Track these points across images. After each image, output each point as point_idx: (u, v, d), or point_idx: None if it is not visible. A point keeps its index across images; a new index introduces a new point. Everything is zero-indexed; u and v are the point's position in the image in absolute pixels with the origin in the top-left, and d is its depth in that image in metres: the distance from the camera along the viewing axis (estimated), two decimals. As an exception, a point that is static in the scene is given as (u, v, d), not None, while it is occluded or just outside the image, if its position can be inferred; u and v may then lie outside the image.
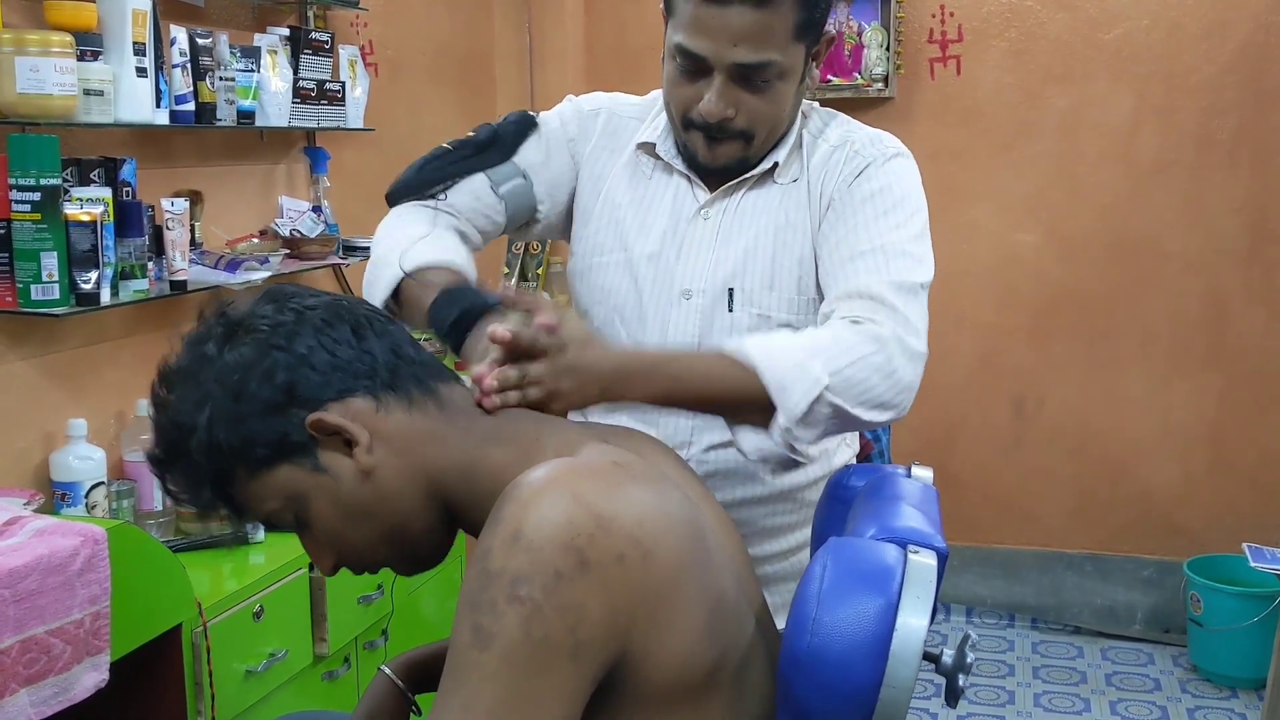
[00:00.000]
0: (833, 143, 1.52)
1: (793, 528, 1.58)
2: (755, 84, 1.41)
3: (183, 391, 1.07)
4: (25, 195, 1.93)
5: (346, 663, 2.33)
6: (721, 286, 1.50)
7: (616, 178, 1.58)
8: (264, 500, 1.09)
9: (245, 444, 1.06)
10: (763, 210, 1.51)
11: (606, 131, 1.60)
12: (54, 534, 1.61)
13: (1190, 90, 3.47)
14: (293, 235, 2.67)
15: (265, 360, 1.06)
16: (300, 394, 1.06)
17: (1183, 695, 3.31)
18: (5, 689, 1.50)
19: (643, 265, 1.53)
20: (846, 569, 1.02)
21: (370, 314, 1.13)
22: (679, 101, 1.46)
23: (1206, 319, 3.56)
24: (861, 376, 1.29)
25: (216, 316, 1.10)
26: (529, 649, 0.91)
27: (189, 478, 1.09)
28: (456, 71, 3.58)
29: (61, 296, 1.98)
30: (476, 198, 1.55)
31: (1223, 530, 3.54)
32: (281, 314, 1.08)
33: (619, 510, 0.96)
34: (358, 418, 1.07)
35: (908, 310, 1.36)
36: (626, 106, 1.62)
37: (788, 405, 1.26)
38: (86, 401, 2.22)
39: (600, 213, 1.57)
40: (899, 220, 1.44)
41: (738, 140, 1.46)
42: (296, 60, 2.63)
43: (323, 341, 1.07)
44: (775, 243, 1.49)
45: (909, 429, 3.64)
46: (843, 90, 3.62)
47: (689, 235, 1.52)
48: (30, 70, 1.90)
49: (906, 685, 0.96)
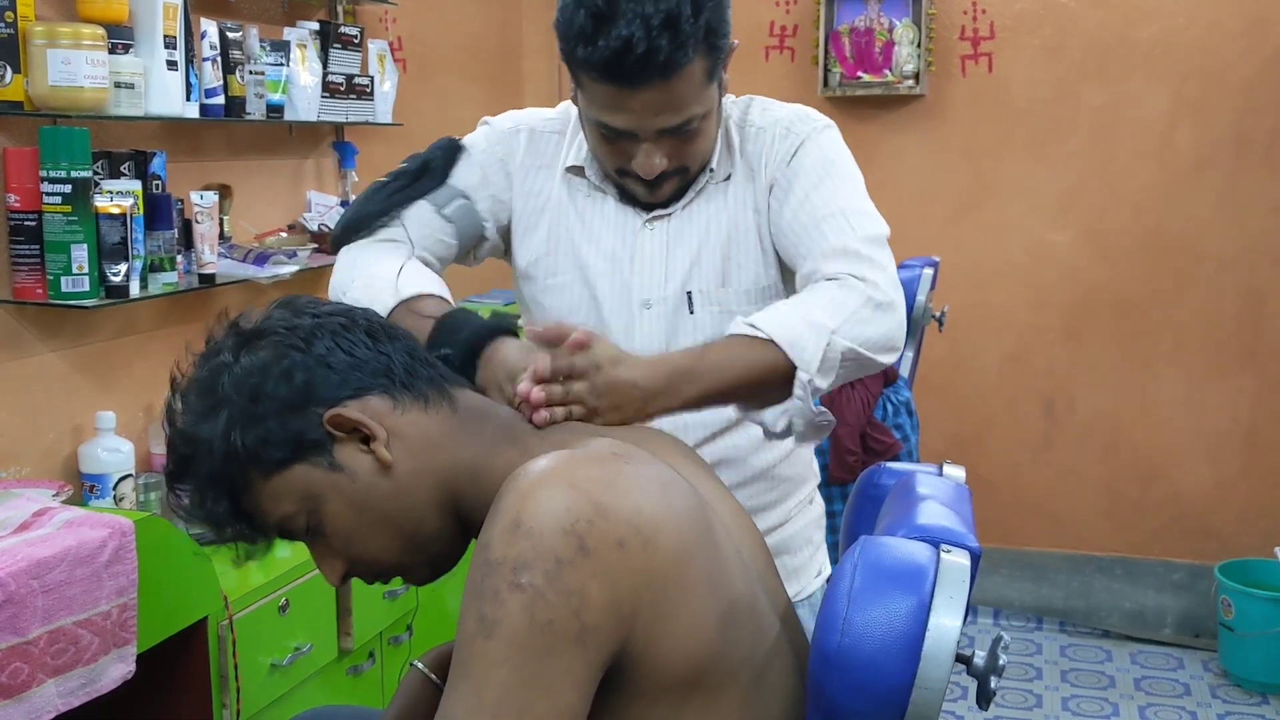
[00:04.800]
0: (759, 125, 1.55)
1: (771, 506, 1.63)
2: (682, 133, 1.43)
3: (196, 402, 1.08)
4: (56, 188, 1.94)
5: (371, 657, 2.33)
6: (679, 291, 1.53)
7: (556, 196, 1.57)
8: (278, 504, 1.08)
9: (262, 444, 1.05)
10: (707, 209, 1.54)
11: (531, 150, 1.59)
12: (82, 525, 1.62)
13: (1227, 88, 3.43)
14: (320, 230, 2.67)
15: (283, 361, 1.07)
16: (318, 393, 1.07)
17: (1213, 701, 3.27)
18: (33, 679, 1.50)
19: (599, 281, 1.54)
20: (877, 568, 1.00)
21: (382, 321, 1.15)
22: (610, 159, 1.48)
23: (1241, 320, 3.51)
24: (862, 318, 1.37)
25: (229, 329, 1.11)
26: (534, 634, 0.91)
27: (202, 491, 1.08)
28: (484, 67, 3.58)
29: (91, 289, 1.99)
30: (424, 224, 1.55)
31: (1255, 534, 3.50)
32: (298, 318, 1.10)
33: (617, 497, 0.97)
34: (375, 415, 1.08)
35: (881, 259, 1.44)
36: (544, 121, 1.61)
37: (804, 358, 1.31)
38: (115, 394, 2.23)
39: (549, 233, 1.57)
40: (845, 184, 1.51)
41: (675, 177, 1.49)
42: (326, 55, 2.64)
43: (339, 343, 1.08)
44: (725, 238, 1.53)
45: (938, 429, 3.62)
46: (873, 87, 3.60)
47: (638, 247, 1.54)
48: (62, 63, 1.91)
49: (939, 686, 0.95)
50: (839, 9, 3.66)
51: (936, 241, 3.48)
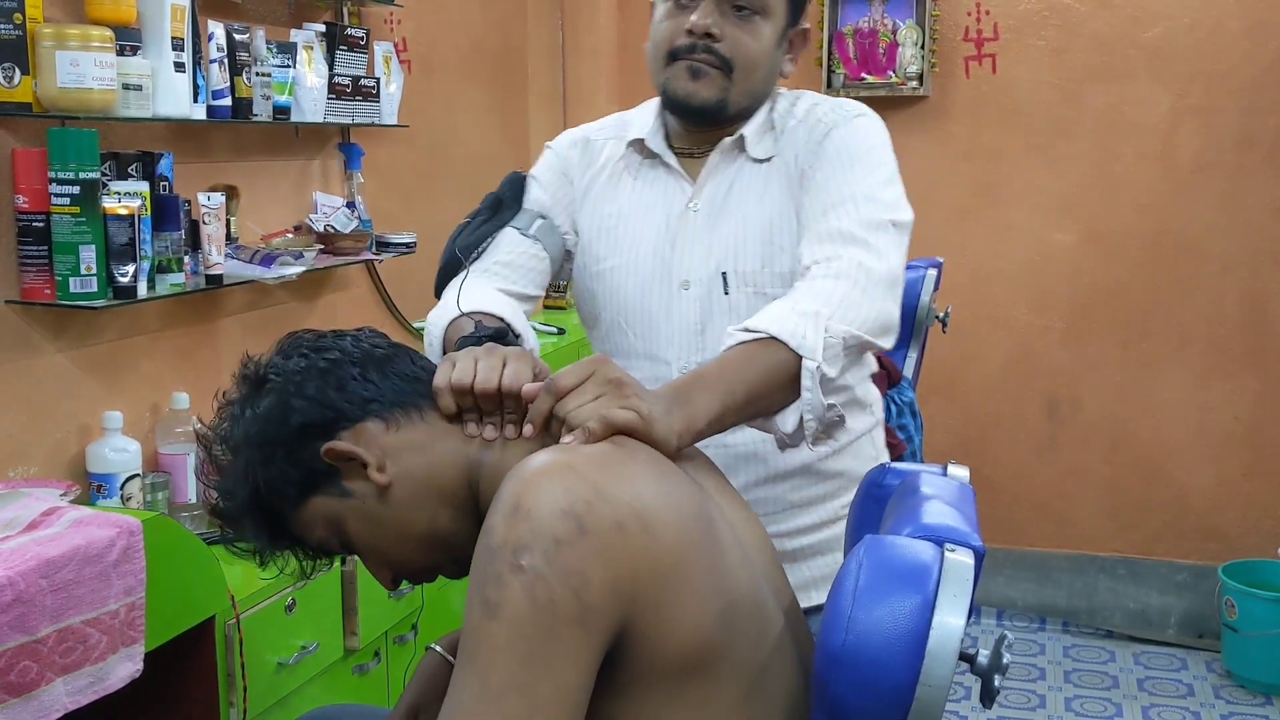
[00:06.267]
0: (799, 117, 1.60)
1: (816, 501, 1.64)
2: (740, 12, 1.52)
3: (220, 455, 1.20)
4: (64, 189, 1.95)
5: (377, 656, 2.34)
6: (715, 272, 1.57)
7: (599, 192, 1.67)
8: (311, 531, 1.19)
9: (278, 484, 1.16)
10: (747, 193, 1.59)
11: (585, 158, 1.70)
12: (90, 525, 1.63)
13: (1231, 90, 3.43)
14: (327, 231, 2.68)
15: (281, 407, 1.16)
16: (314, 430, 1.16)
17: (1216, 701, 3.27)
18: (42, 678, 1.51)
19: (643, 264, 1.61)
20: (882, 566, 1.01)
21: (373, 344, 1.22)
22: (666, 34, 1.56)
23: (1244, 320, 3.52)
24: (852, 301, 1.37)
25: (241, 378, 1.22)
26: (536, 615, 0.94)
27: (245, 530, 1.20)
28: (490, 69, 3.59)
29: (99, 289, 2.00)
30: (514, 248, 1.63)
31: (1259, 535, 3.50)
32: (289, 360, 1.19)
33: (618, 484, 1.00)
34: (369, 441, 1.16)
35: (879, 243, 1.43)
36: (596, 130, 1.74)
37: (807, 346, 1.30)
38: (123, 394, 2.24)
39: (590, 225, 1.67)
40: (865, 170, 1.51)
41: (717, 73, 1.54)
42: (332, 56, 2.64)
43: (329, 381, 1.17)
44: (762, 222, 1.56)
45: (942, 428, 3.63)
46: (877, 89, 3.60)
47: (681, 229, 1.60)
48: (70, 64, 1.92)
49: (943, 684, 0.95)
50: (843, 10, 3.67)
51: (940, 242, 3.48)
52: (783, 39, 1.59)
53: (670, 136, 1.66)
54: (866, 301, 1.38)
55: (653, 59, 1.60)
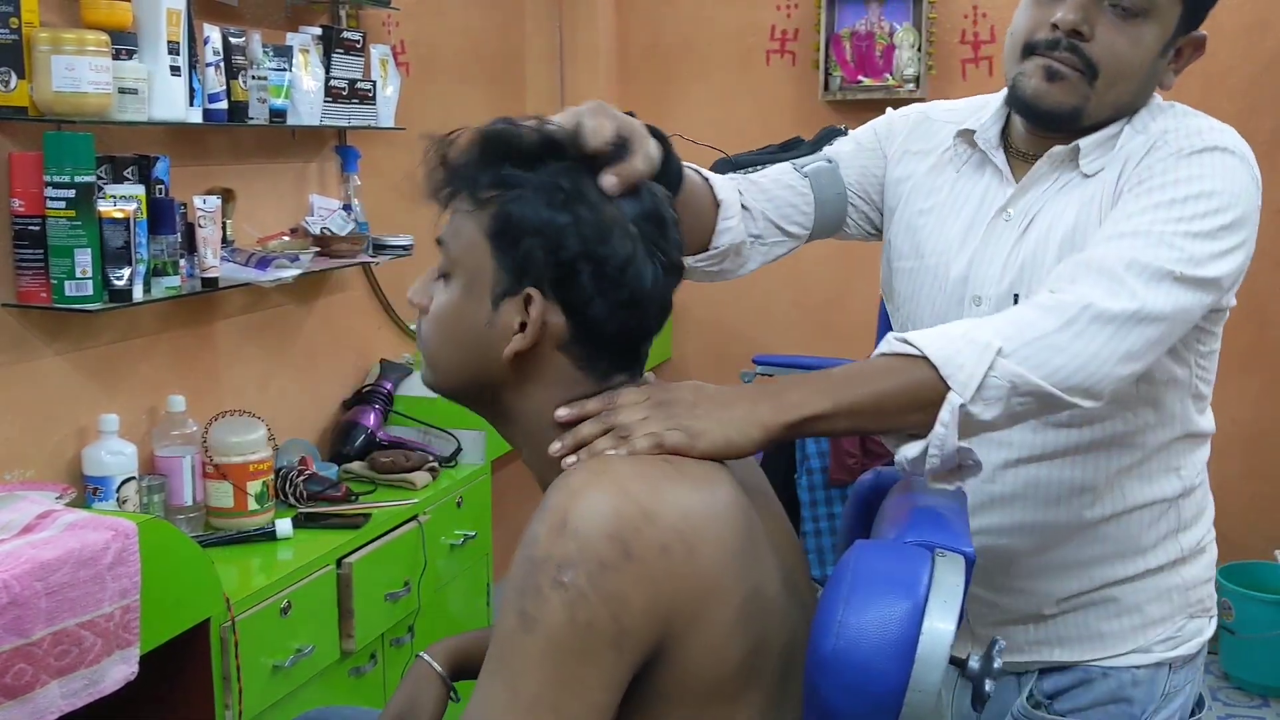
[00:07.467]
0: (1151, 135, 1.37)
1: (1091, 563, 1.44)
2: (1120, 10, 1.31)
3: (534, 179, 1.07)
4: (60, 192, 1.95)
5: (373, 659, 2.34)
6: (1007, 292, 1.39)
7: (919, 182, 1.51)
8: (461, 242, 1.08)
9: (530, 248, 1.05)
10: (1064, 209, 1.38)
11: (916, 133, 1.55)
12: (85, 528, 1.63)
13: (1228, 90, 3.44)
14: (323, 233, 2.68)
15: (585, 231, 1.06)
16: (536, 269, 1.05)
17: (1213, 703, 3.27)
18: (37, 680, 1.51)
19: (940, 275, 1.46)
20: (872, 571, 1.01)
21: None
22: (1029, 21, 1.37)
23: (1243, 322, 3.49)
24: (1055, 344, 1.16)
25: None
26: (573, 634, 0.93)
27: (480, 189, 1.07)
28: (487, 71, 3.59)
29: (95, 293, 2.00)
30: (779, 178, 1.52)
31: (1256, 536, 3.50)
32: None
33: (665, 505, 0.98)
34: (547, 326, 1.07)
35: (1131, 280, 1.19)
36: (942, 111, 1.56)
37: (960, 378, 1.12)
38: (119, 397, 2.24)
39: (900, 217, 1.52)
40: (1181, 211, 1.25)
41: (1077, 77, 1.34)
42: (328, 59, 2.65)
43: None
44: (1064, 243, 1.36)
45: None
46: (874, 91, 3.60)
47: (988, 239, 1.43)
48: (66, 68, 1.92)
49: (933, 689, 0.96)
50: (840, 13, 3.67)
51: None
52: (1169, 46, 1.37)
53: (1009, 133, 1.47)
54: (1074, 347, 1.16)
55: (1009, 48, 1.42)
